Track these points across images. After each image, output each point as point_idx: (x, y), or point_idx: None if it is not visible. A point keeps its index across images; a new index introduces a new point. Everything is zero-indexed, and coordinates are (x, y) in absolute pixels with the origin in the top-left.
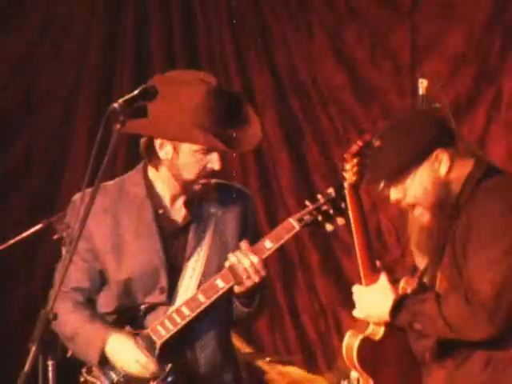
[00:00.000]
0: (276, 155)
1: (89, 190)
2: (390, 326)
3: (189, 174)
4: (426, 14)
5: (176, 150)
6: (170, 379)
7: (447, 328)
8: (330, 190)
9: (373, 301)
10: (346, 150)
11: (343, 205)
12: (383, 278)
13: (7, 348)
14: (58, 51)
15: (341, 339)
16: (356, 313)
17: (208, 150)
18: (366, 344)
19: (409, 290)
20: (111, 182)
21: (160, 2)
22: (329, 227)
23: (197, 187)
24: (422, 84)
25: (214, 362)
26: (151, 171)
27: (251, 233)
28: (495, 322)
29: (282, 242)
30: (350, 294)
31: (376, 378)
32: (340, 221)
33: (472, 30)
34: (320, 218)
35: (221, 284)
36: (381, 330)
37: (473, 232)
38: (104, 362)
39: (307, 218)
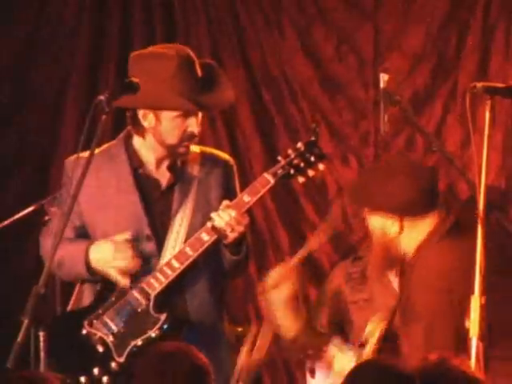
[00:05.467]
0: (249, 143)
1: (83, 154)
2: None
3: (172, 139)
4: (387, 15)
5: (158, 118)
6: (165, 327)
7: None
8: (300, 145)
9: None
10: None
11: (312, 158)
12: None
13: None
14: (48, 48)
15: (308, 312)
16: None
17: (186, 115)
18: None
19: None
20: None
21: (143, 4)
22: (300, 179)
23: (181, 150)
24: (383, 78)
25: (202, 311)
26: (137, 140)
27: (233, 197)
28: None
29: (258, 195)
30: (316, 270)
31: None
32: (310, 172)
33: (429, 29)
34: (292, 171)
35: (206, 237)
36: None
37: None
38: (93, 272)
39: (280, 171)
